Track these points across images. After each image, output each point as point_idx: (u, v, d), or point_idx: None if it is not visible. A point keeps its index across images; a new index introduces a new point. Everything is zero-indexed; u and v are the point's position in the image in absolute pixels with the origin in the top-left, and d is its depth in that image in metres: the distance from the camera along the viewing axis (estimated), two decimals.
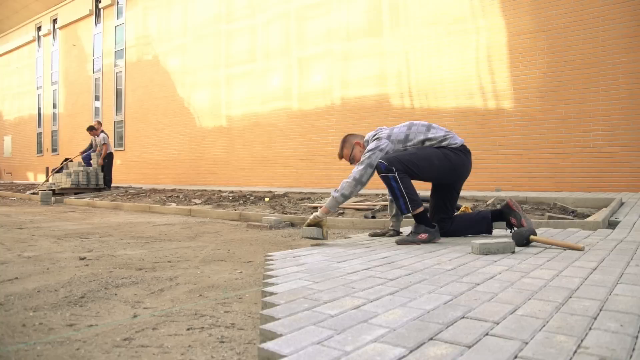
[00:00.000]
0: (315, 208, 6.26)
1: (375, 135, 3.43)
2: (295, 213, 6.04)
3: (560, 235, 3.45)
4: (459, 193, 3.51)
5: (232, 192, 9.27)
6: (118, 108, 16.57)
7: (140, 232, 4.82)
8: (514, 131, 8.17)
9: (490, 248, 2.56)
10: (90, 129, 11.33)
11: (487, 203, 5.64)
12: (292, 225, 5.52)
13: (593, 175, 7.44)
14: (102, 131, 12.20)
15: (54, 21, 19.90)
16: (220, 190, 9.58)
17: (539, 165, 7.91)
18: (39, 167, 20.69)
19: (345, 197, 3.21)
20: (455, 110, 8.79)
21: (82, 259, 3.01)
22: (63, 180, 10.61)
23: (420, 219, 3.17)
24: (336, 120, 10.50)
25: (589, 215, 4.85)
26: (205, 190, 9.85)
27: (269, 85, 11.81)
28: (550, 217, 4.39)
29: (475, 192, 8.09)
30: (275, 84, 11.67)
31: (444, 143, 3.26)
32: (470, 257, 2.50)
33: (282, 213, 6.08)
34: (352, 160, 3.51)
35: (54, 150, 19.99)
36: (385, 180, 3.15)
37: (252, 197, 7.74)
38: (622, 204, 5.35)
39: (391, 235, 3.60)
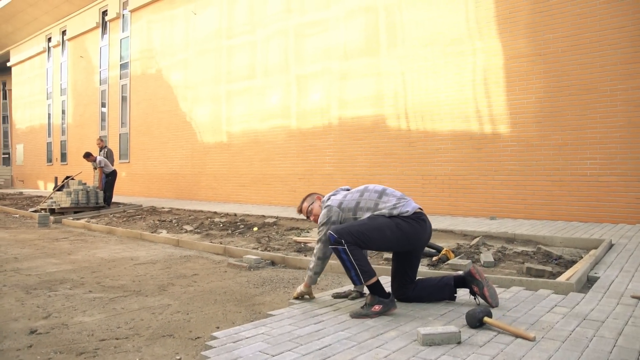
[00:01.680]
0: (299, 244, 6.20)
1: (328, 199, 3.41)
2: (278, 249, 6.00)
3: (529, 300, 3.34)
4: (419, 260, 3.43)
5: (226, 214, 9.26)
6: (123, 120, 16.71)
7: (116, 276, 4.81)
8: (510, 157, 8.00)
9: (434, 339, 2.47)
10: (87, 156, 11.31)
11: (471, 244, 5.51)
12: (273, 264, 5.48)
13: (590, 205, 7.25)
14: (105, 147, 12.33)
15: (63, 33, 20.16)
16: (215, 212, 9.58)
17: (535, 192, 7.74)
18: (49, 176, 20.98)
19: (319, 273, 3.41)
20: (451, 133, 8.65)
21: (32, 332, 2.99)
22: (63, 199, 10.71)
23: (373, 290, 3.10)
24: (334, 139, 10.42)
25: (573, 262, 4.71)
26: (201, 212, 9.86)
27: (268, 103, 11.78)
28: (528, 270, 4.26)
29: (470, 218, 7.95)
30: (274, 102, 11.64)
31: (395, 212, 3.18)
32: (410, 349, 2.41)
33: (265, 249, 6.03)
34: (309, 214, 3.62)
35: (63, 159, 20.25)
36: (335, 252, 3.12)
37: (242, 226, 7.71)
38: (611, 246, 5.18)
39: (353, 298, 3.53)
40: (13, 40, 23.58)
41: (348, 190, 3.59)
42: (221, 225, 7.96)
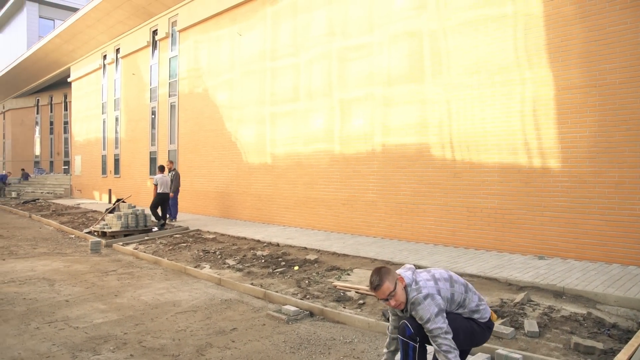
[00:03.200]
0: (339, 290, 6.15)
1: (414, 282, 3.15)
2: (317, 297, 5.97)
3: None
4: (467, 354, 3.36)
5: (269, 244, 9.35)
6: (172, 137, 17.21)
7: (158, 332, 4.93)
8: (561, 192, 7.63)
9: None
10: (159, 168, 12.91)
11: (516, 300, 5.28)
12: (311, 315, 5.47)
13: None
14: (173, 170, 13.03)
15: (117, 51, 21.00)
16: (258, 242, 9.69)
17: (588, 232, 7.34)
18: (104, 187, 21.95)
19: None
20: (498, 165, 8.35)
21: None
22: (114, 223, 11.14)
23: None
24: (377, 166, 10.30)
25: (629, 332, 4.42)
26: (244, 240, 10.00)
27: (311, 126, 11.79)
28: (576, 346, 4.03)
29: (517, 255, 7.64)
30: (317, 125, 11.64)
31: (476, 315, 3.21)
32: None
33: (305, 296, 6.03)
34: (390, 297, 3.11)
35: (116, 172, 21.11)
36: (404, 345, 3.13)
37: (283, 263, 7.75)
38: None
39: None
40: (73, 57, 24.83)
41: (413, 270, 3.32)
42: (263, 260, 8.02)
